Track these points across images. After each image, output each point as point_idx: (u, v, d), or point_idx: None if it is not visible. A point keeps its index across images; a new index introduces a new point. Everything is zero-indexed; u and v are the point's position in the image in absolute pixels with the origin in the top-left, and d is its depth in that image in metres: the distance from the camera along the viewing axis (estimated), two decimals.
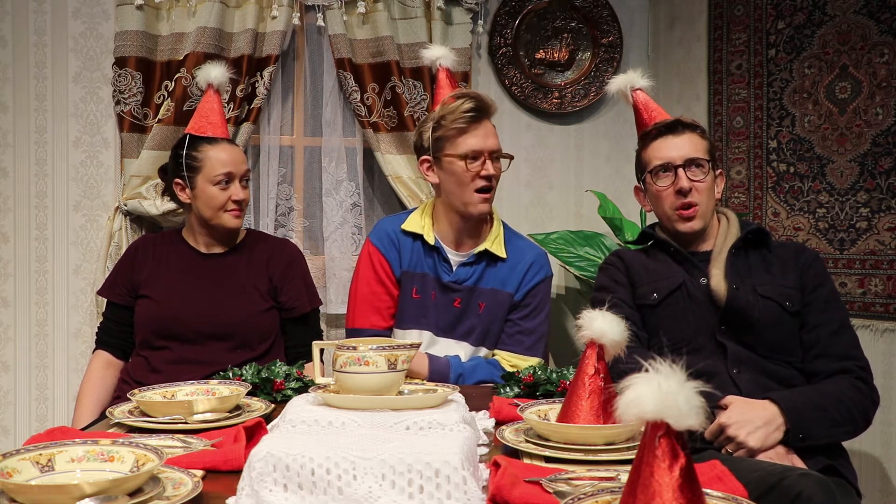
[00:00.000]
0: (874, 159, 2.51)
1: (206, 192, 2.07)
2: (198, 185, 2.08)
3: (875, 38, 2.51)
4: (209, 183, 2.07)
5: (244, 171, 2.11)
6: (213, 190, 2.06)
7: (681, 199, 1.84)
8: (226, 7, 2.79)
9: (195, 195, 2.09)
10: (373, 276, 2.10)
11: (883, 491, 2.52)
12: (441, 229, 2.13)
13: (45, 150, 2.83)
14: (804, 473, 1.35)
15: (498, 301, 2.10)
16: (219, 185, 2.06)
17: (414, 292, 2.09)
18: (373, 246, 2.12)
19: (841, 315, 1.79)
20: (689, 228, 1.85)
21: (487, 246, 2.10)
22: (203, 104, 2.17)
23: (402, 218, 2.16)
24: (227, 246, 2.17)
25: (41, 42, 2.82)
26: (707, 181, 1.85)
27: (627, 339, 1.31)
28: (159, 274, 2.12)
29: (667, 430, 0.75)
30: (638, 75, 2.03)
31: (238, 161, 2.10)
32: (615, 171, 3.31)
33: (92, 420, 2.01)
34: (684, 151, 1.85)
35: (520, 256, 2.13)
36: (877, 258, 2.52)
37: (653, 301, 1.84)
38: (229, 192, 2.07)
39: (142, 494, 0.97)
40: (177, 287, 2.09)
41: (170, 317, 2.06)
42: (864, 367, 1.73)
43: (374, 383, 1.31)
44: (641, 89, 2.02)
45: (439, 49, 2.30)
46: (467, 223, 2.10)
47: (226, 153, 2.09)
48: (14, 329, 2.83)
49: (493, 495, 1.01)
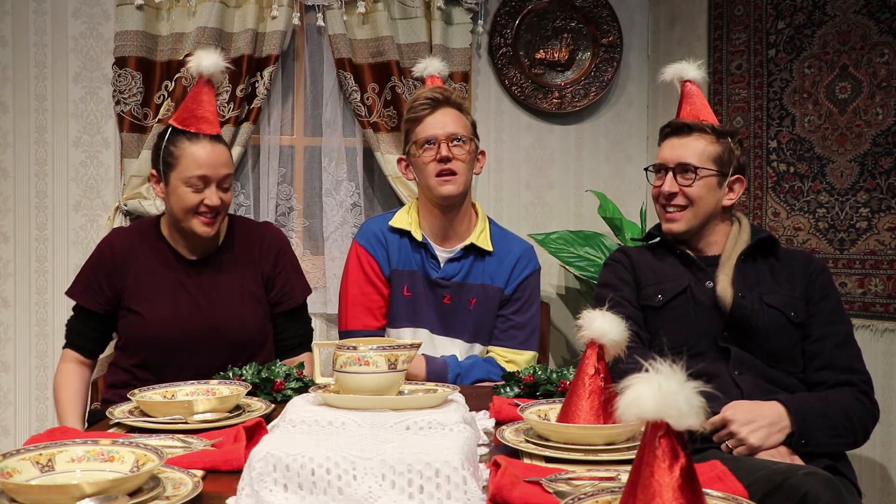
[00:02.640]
0: (874, 159, 2.51)
1: (177, 191, 1.88)
2: (171, 182, 1.89)
3: (875, 38, 2.51)
4: (182, 182, 1.87)
5: (223, 176, 1.89)
6: (185, 191, 1.86)
7: (665, 200, 1.87)
8: (226, 7, 2.79)
9: (168, 192, 1.91)
10: (362, 277, 2.10)
11: (883, 491, 2.52)
12: (426, 225, 2.13)
13: (45, 150, 2.84)
14: (810, 472, 1.34)
15: (488, 296, 2.09)
16: (192, 188, 1.86)
17: (405, 290, 2.09)
18: (360, 247, 2.12)
19: (846, 328, 1.79)
20: (668, 230, 1.88)
21: (473, 240, 2.10)
22: (190, 96, 1.94)
23: (389, 217, 2.17)
24: (207, 250, 2.00)
25: (41, 42, 2.82)
26: (695, 187, 1.83)
27: (628, 339, 1.31)
28: (143, 284, 1.95)
29: (667, 430, 0.75)
30: (691, 66, 1.94)
31: (217, 163, 1.88)
32: (615, 171, 3.31)
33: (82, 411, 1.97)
34: (677, 154, 1.85)
35: (507, 250, 2.13)
36: (877, 258, 2.52)
37: (657, 303, 1.84)
38: (202, 196, 1.87)
39: (142, 494, 0.97)
40: (167, 302, 1.94)
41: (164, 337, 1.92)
42: (866, 381, 1.73)
43: (374, 383, 1.31)
44: (692, 81, 1.95)
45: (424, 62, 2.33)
46: (448, 215, 2.10)
47: (204, 153, 1.87)
48: (14, 329, 2.83)
49: (493, 495, 1.01)
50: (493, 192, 3.24)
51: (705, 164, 1.83)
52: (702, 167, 1.83)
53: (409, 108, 2.08)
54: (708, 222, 1.87)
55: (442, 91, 2.08)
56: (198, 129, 1.89)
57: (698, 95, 1.94)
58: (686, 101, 1.94)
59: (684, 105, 1.94)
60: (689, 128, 1.87)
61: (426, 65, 2.30)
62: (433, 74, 2.27)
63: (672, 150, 1.86)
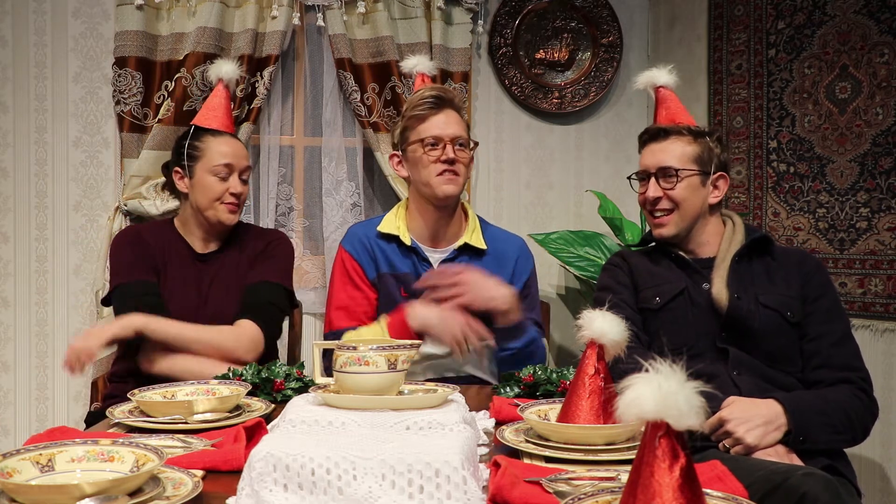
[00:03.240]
0: (874, 159, 2.51)
1: (203, 182, 2.05)
2: (196, 175, 2.06)
3: (875, 38, 2.51)
4: (208, 173, 2.05)
5: (244, 167, 2.10)
6: (212, 180, 2.05)
7: (650, 206, 1.89)
8: (226, 7, 2.79)
9: (193, 184, 2.07)
10: (348, 282, 2.10)
11: (883, 491, 2.52)
12: (416, 227, 2.11)
13: (45, 150, 2.84)
14: (809, 472, 1.34)
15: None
16: (217, 176, 2.05)
17: (401, 292, 2.07)
18: (345, 252, 2.12)
19: (843, 326, 1.79)
20: (659, 235, 1.90)
21: (467, 239, 2.09)
22: (211, 99, 2.18)
23: (376, 222, 2.15)
24: (222, 242, 2.14)
25: (41, 42, 2.82)
26: (678, 189, 1.85)
27: (628, 339, 1.31)
28: (165, 270, 2.08)
29: (667, 430, 0.75)
30: (662, 72, 1.99)
31: (239, 155, 2.09)
32: (615, 171, 3.31)
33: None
34: (657, 159, 1.87)
35: (502, 248, 2.13)
36: (877, 258, 2.52)
37: (655, 305, 1.85)
38: (227, 185, 2.05)
39: (142, 494, 0.97)
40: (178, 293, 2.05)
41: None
42: (865, 378, 1.73)
43: (374, 383, 1.31)
44: (665, 87, 1.98)
45: (414, 59, 2.34)
46: (441, 214, 2.09)
47: (228, 146, 2.08)
48: (14, 329, 2.83)
49: (493, 495, 1.01)
50: (493, 192, 3.24)
51: (686, 166, 1.85)
52: (683, 168, 1.85)
53: (411, 105, 2.08)
54: (697, 223, 1.88)
55: (445, 91, 2.09)
56: (219, 128, 2.12)
57: (672, 99, 1.98)
58: (661, 107, 1.98)
59: (660, 110, 1.98)
60: (665, 132, 1.90)
61: (416, 62, 2.31)
62: (424, 73, 2.28)
63: (652, 156, 1.89)
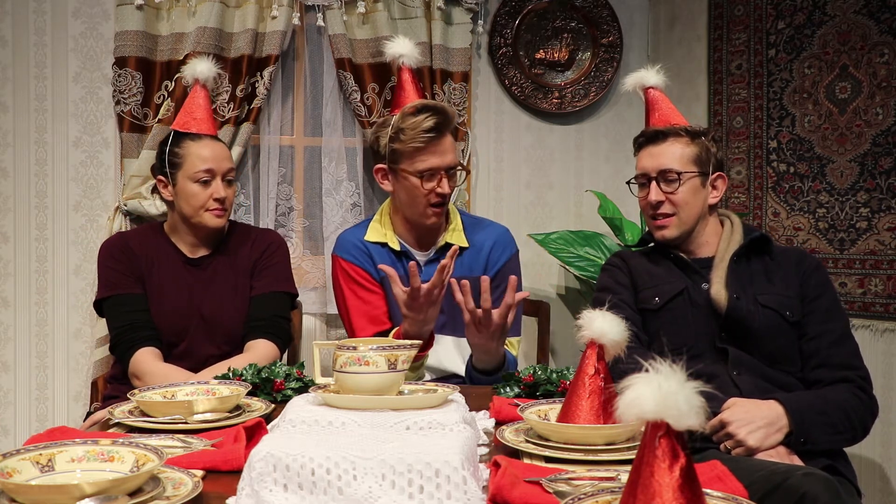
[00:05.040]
0: (874, 159, 2.51)
1: (186, 190, 2.02)
2: (179, 183, 2.03)
3: (875, 38, 2.51)
4: (189, 180, 2.01)
5: (227, 169, 2.05)
6: (194, 187, 2.01)
7: (652, 210, 1.88)
8: (226, 7, 2.79)
9: (176, 192, 2.04)
10: (357, 287, 2.08)
11: (883, 491, 2.52)
12: (400, 232, 2.13)
13: (45, 150, 2.83)
14: (809, 472, 1.34)
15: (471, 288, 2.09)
16: (199, 183, 2.01)
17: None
18: (343, 260, 2.10)
19: (842, 325, 1.79)
20: (662, 237, 1.89)
21: (447, 239, 2.09)
22: (189, 100, 2.12)
23: (362, 230, 2.14)
24: (212, 247, 2.11)
25: (41, 42, 2.82)
26: (681, 192, 1.85)
27: (627, 339, 1.31)
28: (153, 277, 2.06)
29: (667, 430, 0.75)
30: (651, 73, 1.98)
31: (220, 158, 2.04)
32: (615, 171, 3.31)
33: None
34: (658, 163, 1.87)
35: (480, 240, 2.13)
36: (877, 258, 2.52)
37: (654, 306, 1.85)
38: (210, 190, 2.01)
39: (142, 494, 0.97)
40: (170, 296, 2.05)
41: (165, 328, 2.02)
42: (864, 377, 1.74)
43: (374, 383, 1.31)
44: (654, 87, 1.98)
45: (402, 44, 2.16)
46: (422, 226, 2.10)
47: (207, 149, 2.03)
48: (14, 329, 2.83)
49: (493, 495, 1.01)
50: (493, 192, 3.24)
51: (687, 168, 1.85)
52: (684, 171, 1.85)
53: (409, 133, 1.96)
54: (697, 224, 1.88)
55: (442, 113, 1.97)
56: (199, 130, 2.06)
57: (663, 100, 1.97)
58: (653, 108, 1.97)
59: (652, 112, 1.97)
60: (663, 134, 1.89)
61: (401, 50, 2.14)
62: (410, 67, 2.13)
63: (651, 159, 1.88)
